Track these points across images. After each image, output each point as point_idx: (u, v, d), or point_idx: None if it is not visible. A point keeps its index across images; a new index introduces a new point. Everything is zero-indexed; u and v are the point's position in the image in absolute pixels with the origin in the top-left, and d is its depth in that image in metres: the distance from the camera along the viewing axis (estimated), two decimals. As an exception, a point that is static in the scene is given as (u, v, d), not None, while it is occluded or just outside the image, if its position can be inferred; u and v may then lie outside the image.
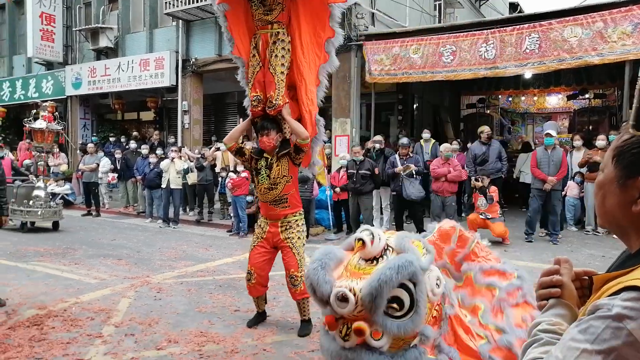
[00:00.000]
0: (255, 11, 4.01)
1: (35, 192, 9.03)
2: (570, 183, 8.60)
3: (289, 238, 4.03)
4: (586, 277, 1.09)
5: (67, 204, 12.15)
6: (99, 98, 16.50)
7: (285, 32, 4.05)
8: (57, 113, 10.02)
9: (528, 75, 12.07)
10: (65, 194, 12.49)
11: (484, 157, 8.75)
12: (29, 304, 4.61)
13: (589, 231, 8.36)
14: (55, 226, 9.30)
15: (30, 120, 8.97)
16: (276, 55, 4.00)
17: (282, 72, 4.01)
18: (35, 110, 9.22)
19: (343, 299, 2.12)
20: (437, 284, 2.35)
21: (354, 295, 2.11)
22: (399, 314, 2.17)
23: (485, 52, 9.03)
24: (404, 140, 8.68)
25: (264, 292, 4.25)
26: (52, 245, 7.76)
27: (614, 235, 3.34)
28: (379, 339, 2.17)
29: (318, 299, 2.24)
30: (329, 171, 10.00)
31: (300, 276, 3.92)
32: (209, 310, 4.55)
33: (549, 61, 8.53)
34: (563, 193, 8.50)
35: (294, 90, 4.21)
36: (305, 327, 4.13)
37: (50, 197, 9.81)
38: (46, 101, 11.21)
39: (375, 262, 2.24)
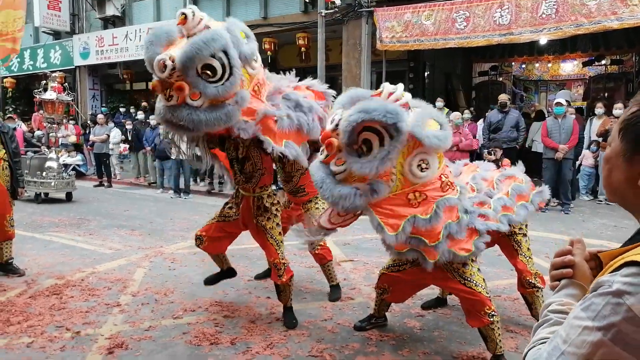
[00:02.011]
0: None
1: (48, 164, 9.12)
2: (585, 152, 8.49)
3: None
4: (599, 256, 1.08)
5: (79, 175, 12.25)
6: (108, 68, 16.41)
7: None
8: (66, 84, 10.00)
9: (543, 41, 11.74)
10: (77, 165, 12.59)
11: (498, 125, 8.62)
12: (47, 274, 4.71)
13: (601, 201, 8.30)
14: (69, 197, 9.42)
15: (40, 92, 8.97)
16: None
17: None
18: (44, 81, 9.19)
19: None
20: (419, 166, 2.46)
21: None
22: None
23: (499, 17, 8.79)
24: None
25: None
26: (67, 216, 7.87)
27: None
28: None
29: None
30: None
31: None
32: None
33: (565, 26, 8.29)
34: (578, 162, 8.41)
35: None
36: (335, 292, 4.22)
37: (63, 168, 9.90)
38: (55, 72, 11.18)
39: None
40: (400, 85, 2.55)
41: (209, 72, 2.72)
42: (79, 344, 3.24)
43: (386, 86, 2.55)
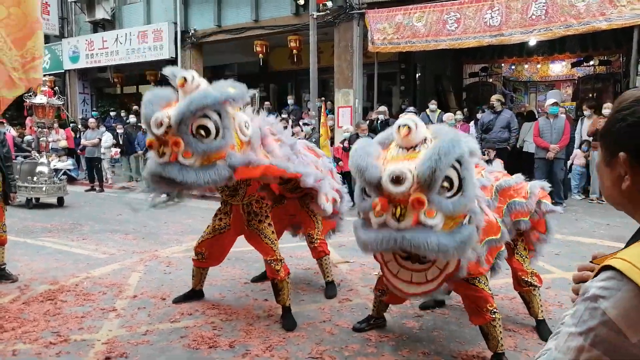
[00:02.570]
0: None
1: (39, 168, 9.02)
2: (577, 151, 8.57)
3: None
4: None
5: (71, 180, 12.14)
6: (98, 72, 16.32)
7: None
8: (56, 88, 9.92)
9: (533, 42, 11.86)
10: (68, 170, 12.47)
11: (489, 125, 8.68)
12: (40, 280, 4.65)
13: (593, 200, 8.38)
14: (60, 202, 9.32)
15: (30, 96, 8.87)
16: None
17: None
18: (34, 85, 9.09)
19: (397, 179, 2.19)
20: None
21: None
22: (449, 194, 2.24)
23: (490, 19, 8.87)
24: (411, 109, 8.65)
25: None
26: (59, 221, 7.79)
27: None
28: (433, 217, 2.21)
29: (368, 184, 2.30)
30: (332, 143, 9.95)
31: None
32: (219, 283, 4.59)
33: (555, 27, 8.39)
34: (570, 162, 8.49)
35: None
36: (331, 289, 4.28)
37: (54, 173, 9.80)
38: (45, 75, 11.07)
39: (417, 149, 2.31)
40: (415, 119, 2.45)
41: (202, 132, 2.78)
42: (75, 349, 3.20)
43: (409, 123, 2.38)
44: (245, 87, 3.11)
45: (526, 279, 3.37)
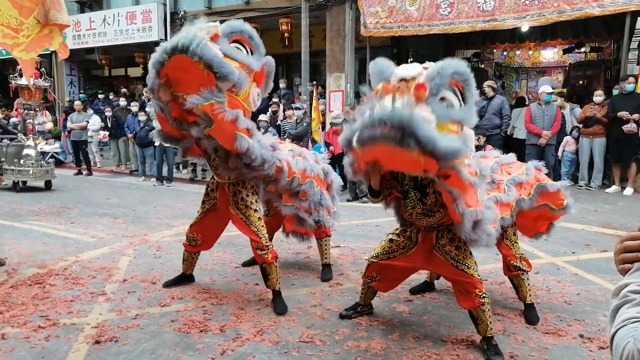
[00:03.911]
0: None
1: (26, 151, 8.88)
2: (567, 138, 8.61)
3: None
4: None
5: (58, 163, 12.00)
6: (85, 53, 16.01)
7: None
8: (42, 69, 9.72)
9: (525, 28, 11.83)
10: (56, 153, 12.32)
11: (481, 111, 8.67)
12: (28, 263, 4.61)
13: (582, 186, 8.45)
14: (48, 185, 9.21)
15: (15, 77, 8.69)
16: None
17: None
18: (19, 66, 8.91)
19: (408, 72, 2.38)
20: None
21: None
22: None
23: (483, 3, 8.82)
24: None
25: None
26: (47, 204, 7.71)
27: (606, 190, 3.45)
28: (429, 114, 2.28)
29: (378, 78, 2.55)
30: (323, 128, 9.91)
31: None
32: (209, 267, 4.58)
33: (548, 13, 8.37)
34: (561, 149, 8.54)
35: None
36: (327, 272, 4.32)
37: (41, 156, 9.66)
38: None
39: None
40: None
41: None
42: (64, 333, 3.17)
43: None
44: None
45: (515, 264, 3.40)
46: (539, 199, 3.32)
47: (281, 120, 10.29)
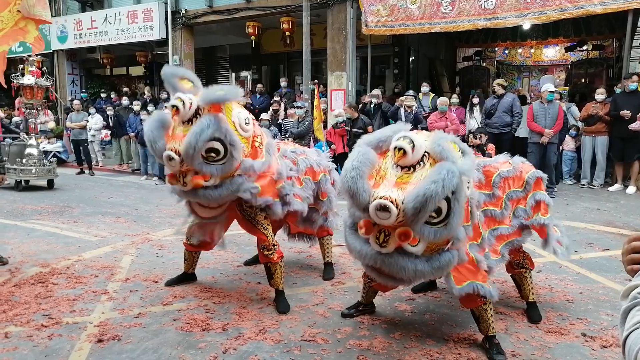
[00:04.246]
0: None
1: (28, 150, 8.90)
2: (567, 137, 8.60)
3: None
4: None
5: (61, 162, 12.01)
6: (87, 52, 16.05)
7: None
8: (44, 68, 9.73)
9: (527, 26, 11.82)
10: (58, 152, 12.34)
11: (491, 109, 8.65)
12: (31, 262, 4.62)
13: (584, 184, 8.43)
14: (50, 184, 9.23)
15: (18, 76, 8.71)
16: None
17: None
18: (22, 66, 8.93)
19: (384, 209, 2.21)
20: (245, 122, 3.02)
21: (396, 207, 2.18)
22: (435, 221, 2.27)
23: (485, 1, 8.80)
24: (410, 93, 8.65)
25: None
26: (49, 203, 7.72)
27: (609, 189, 3.44)
28: (415, 245, 2.31)
29: (357, 206, 2.37)
30: (325, 126, 9.90)
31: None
32: (211, 266, 4.58)
33: (550, 11, 8.34)
34: (561, 147, 8.52)
35: None
36: (329, 271, 4.33)
37: (43, 155, 9.68)
38: (32, 56, 10.86)
39: (412, 169, 2.30)
40: (413, 138, 2.35)
41: (213, 154, 2.99)
42: (67, 332, 3.18)
43: (404, 146, 2.30)
44: (238, 89, 3.29)
45: (519, 262, 3.40)
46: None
47: (282, 119, 10.29)
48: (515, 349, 2.99)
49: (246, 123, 3.23)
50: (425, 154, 2.31)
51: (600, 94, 8.20)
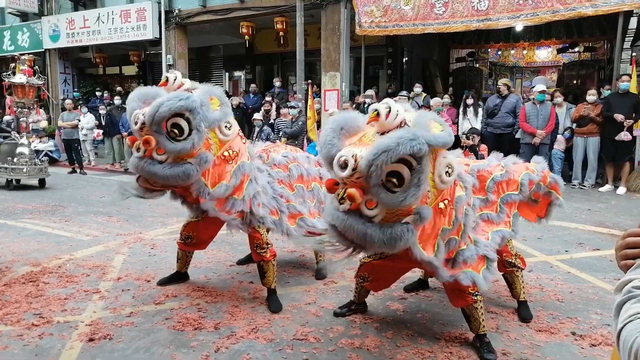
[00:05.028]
0: None
1: (19, 149, 8.85)
2: (559, 137, 8.66)
3: None
4: None
5: (52, 162, 11.94)
6: (79, 51, 15.96)
7: None
8: (36, 67, 9.68)
9: (519, 27, 11.89)
10: (50, 151, 12.27)
11: (494, 109, 8.70)
12: (22, 261, 4.59)
13: (575, 185, 8.50)
14: (42, 184, 9.17)
15: (9, 75, 8.66)
16: None
17: None
18: (13, 64, 8.87)
19: (344, 164, 2.19)
20: (447, 172, 2.33)
21: (355, 161, 2.16)
22: (397, 189, 2.18)
23: (478, 3, 8.85)
24: (404, 93, 8.65)
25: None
26: (41, 202, 7.68)
27: (599, 189, 3.47)
28: (372, 209, 2.23)
29: (325, 161, 2.38)
30: (319, 127, 9.91)
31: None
32: (204, 265, 4.58)
33: (542, 12, 8.41)
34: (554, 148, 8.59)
35: None
36: (321, 271, 4.30)
37: (35, 154, 9.62)
38: (24, 54, 10.80)
39: (388, 134, 2.22)
40: (392, 105, 2.28)
41: (176, 130, 2.93)
42: (58, 331, 3.17)
43: (379, 108, 2.26)
44: (229, 106, 3.26)
45: (510, 261, 3.42)
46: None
47: (274, 119, 10.29)
48: (506, 347, 3.01)
49: (227, 128, 3.21)
50: (407, 125, 2.26)
51: (591, 95, 8.28)
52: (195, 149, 3.02)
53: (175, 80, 3.06)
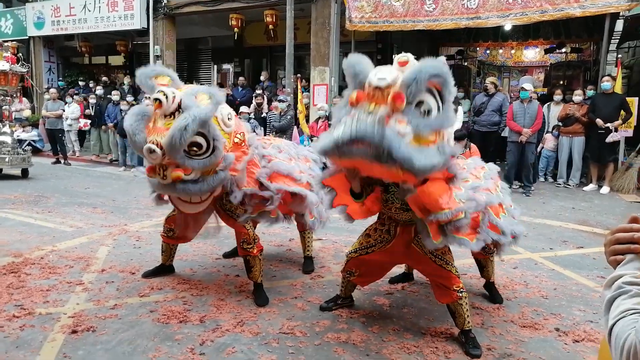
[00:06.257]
0: None
1: (2, 138, 8.69)
2: (547, 135, 8.75)
3: None
4: None
5: (36, 152, 11.74)
6: (65, 40, 15.67)
7: None
8: (20, 54, 9.49)
9: (508, 27, 11.97)
10: (33, 141, 12.06)
11: (480, 108, 8.74)
12: (3, 252, 4.50)
13: (560, 184, 8.60)
14: (25, 174, 9.01)
15: (-9, 62, 8.47)
16: None
17: None
18: (-6, 52, 8.68)
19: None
20: (228, 117, 3.11)
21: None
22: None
23: (468, 1, 8.87)
24: None
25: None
26: (23, 192, 7.54)
27: (584, 188, 3.46)
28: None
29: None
30: (307, 121, 9.88)
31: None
32: (189, 258, 4.54)
33: (531, 12, 8.46)
34: (540, 146, 8.66)
35: None
36: (308, 264, 4.32)
37: (17, 143, 9.45)
38: (7, 41, 10.58)
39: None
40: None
41: (195, 148, 2.92)
42: (40, 323, 3.12)
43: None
44: (220, 91, 3.21)
45: (489, 250, 3.45)
46: None
47: (266, 113, 10.24)
48: (491, 343, 3.04)
49: (229, 118, 3.18)
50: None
51: (577, 96, 8.37)
52: (221, 158, 3.03)
53: (167, 99, 2.86)
